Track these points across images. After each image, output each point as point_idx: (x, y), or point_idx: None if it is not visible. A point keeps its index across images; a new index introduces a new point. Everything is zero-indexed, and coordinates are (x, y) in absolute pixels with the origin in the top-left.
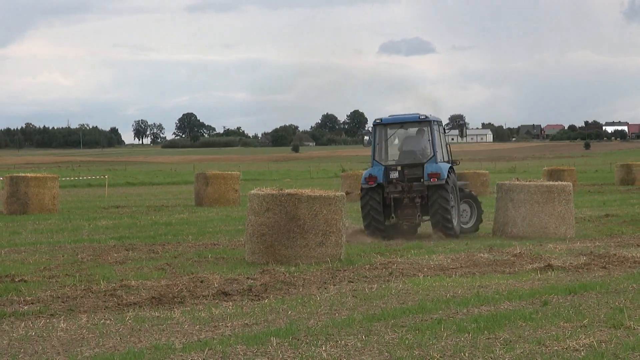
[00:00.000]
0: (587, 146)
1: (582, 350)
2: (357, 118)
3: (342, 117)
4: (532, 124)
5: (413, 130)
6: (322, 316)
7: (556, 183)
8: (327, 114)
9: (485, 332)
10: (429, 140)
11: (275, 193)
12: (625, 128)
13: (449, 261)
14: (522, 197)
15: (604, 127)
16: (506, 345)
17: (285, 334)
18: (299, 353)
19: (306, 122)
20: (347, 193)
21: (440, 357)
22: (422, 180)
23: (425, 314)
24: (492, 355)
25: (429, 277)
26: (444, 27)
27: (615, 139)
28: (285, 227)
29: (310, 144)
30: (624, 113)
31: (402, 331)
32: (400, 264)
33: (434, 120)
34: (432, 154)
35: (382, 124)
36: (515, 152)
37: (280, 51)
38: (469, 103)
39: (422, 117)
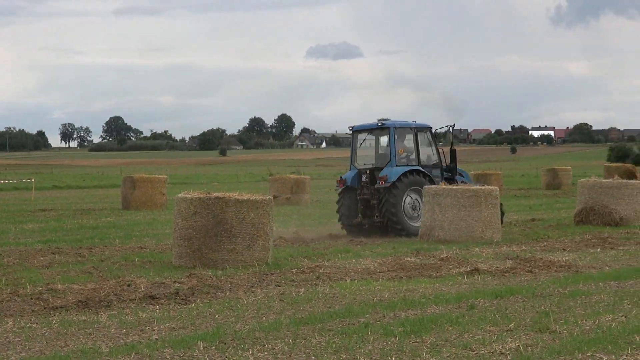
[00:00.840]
0: (513, 150)
1: (509, 354)
2: (285, 122)
3: (269, 120)
4: (459, 128)
5: (383, 136)
6: (249, 320)
7: (483, 187)
8: (254, 117)
9: (412, 335)
10: (387, 145)
11: (202, 197)
12: (552, 133)
13: (376, 265)
14: (449, 201)
15: (530, 132)
16: (433, 349)
17: (212, 337)
18: (226, 357)
19: (233, 126)
20: (274, 197)
21: None
22: None
23: (352, 318)
24: (419, 359)
25: (356, 281)
26: (371, 31)
27: (542, 143)
28: (212, 230)
29: (238, 147)
30: (550, 118)
31: (329, 335)
32: (327, 267)
33: (395, 127)
34: (389, 158)
35: (354, 131)
36: None
37: (207, 55)
38: (396, 107)
39: (380, 124)
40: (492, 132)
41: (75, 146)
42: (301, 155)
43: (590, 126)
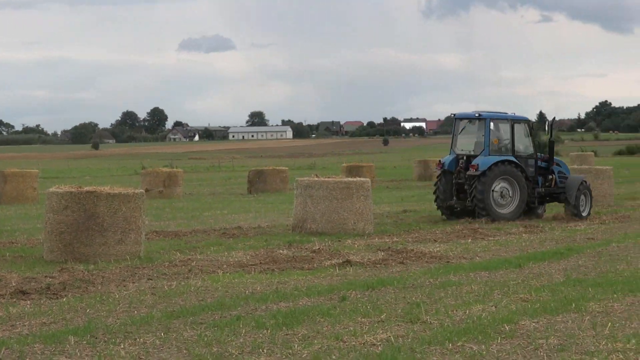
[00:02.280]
0: (385, 142)
1: (380, 345)
2: (158, 115)
3: (142, 114)
4: (331, 120)
5: (479, 125)
6: (120, 314)
7: (355, 179)
8: (127, 111)
9: (284, 328)
10: (483, 135)
11: (74, 191)
12: (423, 124)
13: (248, 258)
14: (321, 194)
15: (402, 124)
16: (305, 340)
17: (83, 332)
18: (97, 351)
19: (106, 120)
20: (146, 190)
21: (239, 353)
22: None
23: (224, 311)
24: (291, 351)
25: (228, 274)
26: (244, 24)
27: (414, 135)
28: (84, 224)
29: (110, 141)
30: (421, 110)
31: (201, 328)
32: (199, 261)
33: (492, 118)
34: (484, 147)
35: (456, 118)
36: (315, 149)
37: (80, 48)
38: (269, 100)
39: (477, 115)
40: (365, 124)
41: None
42: (174, 148)
43: None
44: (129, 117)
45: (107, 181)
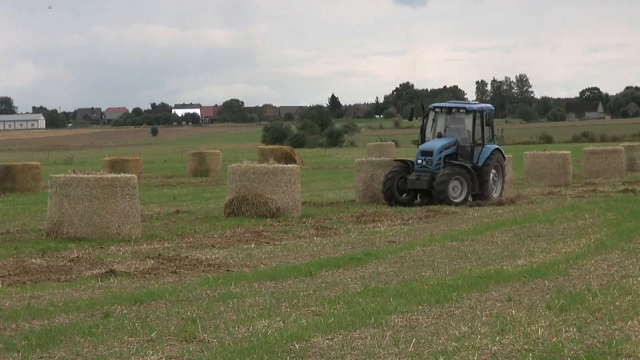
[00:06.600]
0: (154, 132)
1: None
2: None
3: None
4: (91, 107)
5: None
6: None
7: (119, 175)
8: None
9: (38, 350)
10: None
11: None
12: (198, 111)
13: None
14: (80, 193)
15: (173, 110)
16: None
17: None
18: None
19: None
20: None
21: None
22: None
23: None
24: None
25: None
26: None
27: (187, 123)
28: None
29: None
30: (193, 93)
31: None
32: None
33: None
34: None
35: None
36: (72, 140)
37: None
38: (17, 84)
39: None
40: (130, 111)
41: None
42: None
43: (242, 103)
44: None
45: None
